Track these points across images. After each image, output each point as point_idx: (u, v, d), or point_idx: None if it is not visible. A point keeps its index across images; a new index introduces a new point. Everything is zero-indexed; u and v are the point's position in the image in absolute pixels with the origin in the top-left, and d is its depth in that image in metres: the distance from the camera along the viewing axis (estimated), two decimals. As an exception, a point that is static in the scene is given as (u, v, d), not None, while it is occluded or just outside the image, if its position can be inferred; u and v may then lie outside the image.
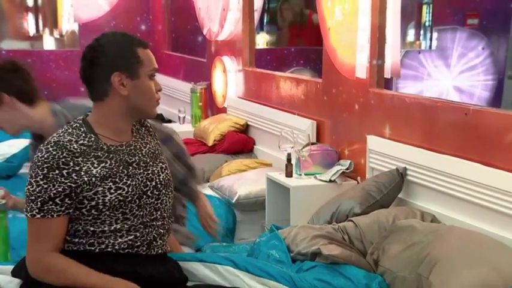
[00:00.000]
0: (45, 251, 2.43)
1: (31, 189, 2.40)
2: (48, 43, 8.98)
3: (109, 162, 2.46)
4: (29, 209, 2.42)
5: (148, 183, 2.53)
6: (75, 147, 2.42)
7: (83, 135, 2.45)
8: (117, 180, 2.45)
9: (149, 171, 2.55)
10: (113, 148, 2.48)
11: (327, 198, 3.76)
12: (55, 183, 2.38)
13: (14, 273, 2.62)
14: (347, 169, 4.05)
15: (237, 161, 5.01)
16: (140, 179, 2.51)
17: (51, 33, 8.95)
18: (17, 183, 4.80)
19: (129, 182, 2.47)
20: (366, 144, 3.90)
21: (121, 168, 2.47)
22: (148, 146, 2.60)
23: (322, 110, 4.48)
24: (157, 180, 2.56)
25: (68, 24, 8.34)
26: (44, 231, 2.43)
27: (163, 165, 2.62)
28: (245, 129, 5.48)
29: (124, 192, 2.45)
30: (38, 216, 2.40)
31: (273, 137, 4.90)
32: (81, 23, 7.78)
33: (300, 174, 4.13)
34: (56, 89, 7.22)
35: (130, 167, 2.50)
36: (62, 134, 2.46)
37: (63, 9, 8.20)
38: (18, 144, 5.58)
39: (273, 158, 4.88)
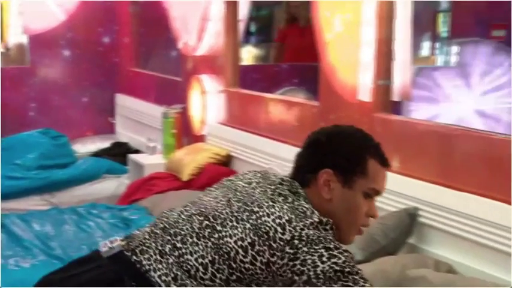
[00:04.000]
0: None
1: (339, 262, 2.30)
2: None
3: None
4: (356, 281, 2.31)
5: None
6: None
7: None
8: None
9: None
10: None
11: None
12: None
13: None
14: None
15: None
16: None
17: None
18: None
19: None
20: None
21: None
22: None
23: None
24: None
25: (15, 36, 8.33)
26: None
27: None
28: (227, 161, 5.51)
29: None
30: (367, 284, 2.34)
31: (260, 169, 4.92)
32: (31, 35, 7.80)
33: None
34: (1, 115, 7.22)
35: None
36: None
37: (10, 18, 8.18)
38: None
39: None
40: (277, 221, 2.34)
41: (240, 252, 2.36)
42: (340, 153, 2.46)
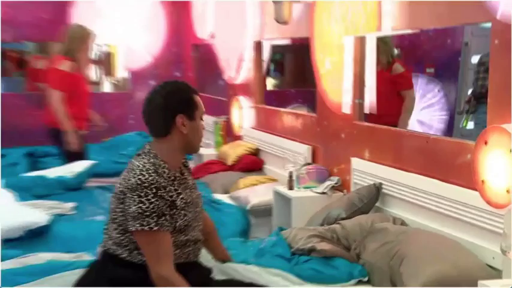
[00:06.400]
0: (170, 271, 2.27)
1: (143, 207, 2.25)
2: (106, 87, 9.02)
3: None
4: (145, 223, 2.24)
5: (199, 201, 2.53)
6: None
7: (162, 164, 2.36)
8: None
9: (198, 193, 2.54)
10: (177, 179, 2.40)
11: (320, 206, 3.75)
12: (163, 200, 2.27)
13: (79, 283, 2.44)
14: (336, 184, 4.04)
15: (251, 177, 4.96)
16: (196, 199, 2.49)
17: (109, 80, 8.99)
18: (84, 195, 4.92)
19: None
20: (351, 164, 3.89)
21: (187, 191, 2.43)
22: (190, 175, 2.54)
23: (316, 138, 4.47)
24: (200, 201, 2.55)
25: (121, 72, 8.37)
26: (163, 247, 2.27)
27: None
28: (256, 152, 5.45)
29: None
30: (155, 228, 2.24)
31: (278, 158, 4.89)
32: (131, 71, 7.83)
33: (299, 188, 4.10)
34: (111, 123, 7.26)
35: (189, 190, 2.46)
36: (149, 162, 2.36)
37: (118, 60, 8.25)
38: (81, 166, 5.60)
39: (279, 175, 4.86)
40: (134, 178, 2.28)
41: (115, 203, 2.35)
42: (181, 102, 2.38)
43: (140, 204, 2.23)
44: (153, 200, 2.23)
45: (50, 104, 5.09)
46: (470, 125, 4.23)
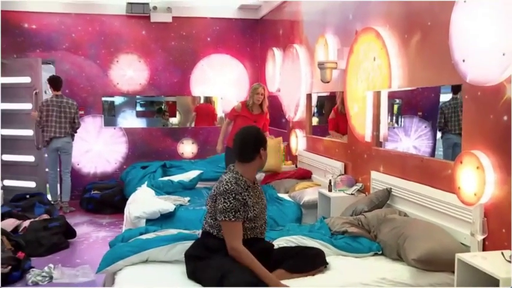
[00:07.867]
0: (239, 244, 2.36)
1: (226, 205, 2.33)
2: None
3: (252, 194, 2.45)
4: (226, 216, 2.32)
5: (265, 202, 2.57)
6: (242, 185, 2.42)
7: (241, 178, 2.44)
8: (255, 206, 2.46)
9: (263, 196, 2.58)
10: (250, 187, 2.47)
11: (349, 203, 3.74)
12: (238, 201, 2.34)
13: (188, 252, 2.49)
14: (360, 188, 4.00)
15: (303, 182, 4.92)
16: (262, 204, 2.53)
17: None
18: (195, 193, 5.03)
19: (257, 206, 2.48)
20: (370, 175, 3.85)
21: (256, 199, 2.48)
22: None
23: (347, 157, 4.43)
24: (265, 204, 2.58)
25: (219, 112, 8.01)
26: (236, 230, 2.36)
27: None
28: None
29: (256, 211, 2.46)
30: (232, 219, 2.33)
31: (321, 170, 4.87)
32: (225, 112, 7.66)
33: (336, 190, 4.07)
34: (213, 145, 7.22)
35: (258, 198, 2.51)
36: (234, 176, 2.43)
37: (218, 105, 7.93)
38: (194, 174, 5.74)
39: (322, 182, 4.82)
40: (222, 187, 2.37)
41: (210, 202, 2.42)
42: (262, 140, 2.45)
43: (224, 204, 2.34)
44: (232, 201, 2.33)
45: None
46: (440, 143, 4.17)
